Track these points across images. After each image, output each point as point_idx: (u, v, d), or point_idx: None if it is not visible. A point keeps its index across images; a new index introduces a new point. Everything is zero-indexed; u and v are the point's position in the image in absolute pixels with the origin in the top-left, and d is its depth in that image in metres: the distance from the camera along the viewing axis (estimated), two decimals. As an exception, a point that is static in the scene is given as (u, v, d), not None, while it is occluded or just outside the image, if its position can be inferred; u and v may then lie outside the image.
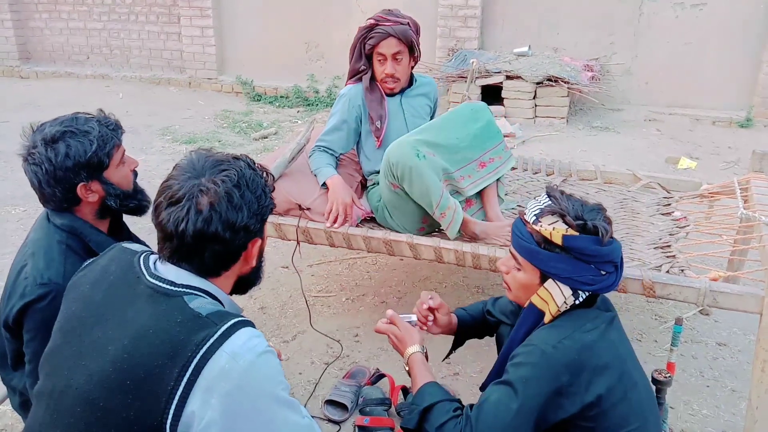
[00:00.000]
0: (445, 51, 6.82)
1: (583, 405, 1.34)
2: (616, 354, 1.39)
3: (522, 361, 1.37)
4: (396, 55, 2.51)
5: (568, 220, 1.39)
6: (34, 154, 1.56)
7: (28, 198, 4.22)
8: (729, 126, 6.19)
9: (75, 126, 1.59)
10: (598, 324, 1.40)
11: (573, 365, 1.33)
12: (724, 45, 6.25)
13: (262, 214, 1.25)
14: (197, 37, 7.59)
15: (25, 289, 1.53)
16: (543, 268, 1.43)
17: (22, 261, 1.59)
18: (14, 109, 6.50)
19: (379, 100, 2.62)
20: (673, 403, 2.29)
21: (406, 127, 2.61)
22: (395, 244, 2.31)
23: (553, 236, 1.39)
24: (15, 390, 1.68)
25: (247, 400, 1.09)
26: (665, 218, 2.67)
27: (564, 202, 1.42)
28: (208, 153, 1.27)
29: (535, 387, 1.33)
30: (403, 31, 2.48)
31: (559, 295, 1.42)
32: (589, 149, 5.45)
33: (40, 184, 1.58)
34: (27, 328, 1.54)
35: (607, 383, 1.35)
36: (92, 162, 1.59)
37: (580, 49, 6.61)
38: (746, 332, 2.77)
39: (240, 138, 5.86)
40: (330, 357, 2.59)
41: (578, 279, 1.39)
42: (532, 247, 1.43)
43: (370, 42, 2.52)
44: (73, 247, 1.61)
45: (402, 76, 2.59)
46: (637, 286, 2.03)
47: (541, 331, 1.43)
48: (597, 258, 1.39)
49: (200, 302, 1.16)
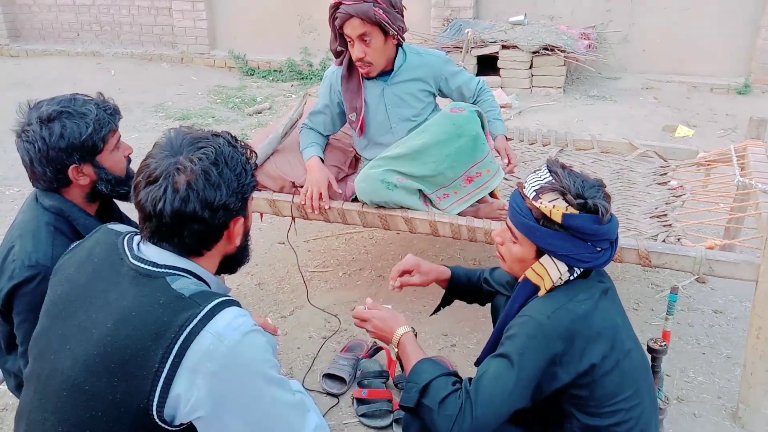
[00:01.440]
0: (440, 21, 6.72)
1: (577, 373, 1.36)
2: (609, 324, 1.40)
3: (517, 332, 1.38)
4: (362, 37, 2.26)
5: (569, 198, 1.38)
6: (28, 132, 1.55)
7: (21, 178, 4.19)
8: (727, 93, 6.14)
9: (72, 107, 1.57)
10: (591, 294, 1.41)
11: (567, 334, 1.35)
12: (721, 11, 6.17)
13: (242, 192, 1.22)
14: (188, 11, 7.47)
15: (13, 271, 1.52)
16: (540, 245, 1.43)
17: (9, 243, 1.59)
18: (3, 89, 6.42)
19: (355, 89, 2.44)
20: (669, 371, 2.30)
21: (388, 119, 2.46)
22: (390, 218, 2.30)
23: (552, 214, 1.38)
24: (10, 373, 1.69)
25: (234, 379, 1.09)
26: (662, 187, 2.66)
27: (565, 178, 1.40)
28: (187, 131, 1.24)
29: (532, 358, 1.35)
30: (363, 11, 2.20)
31: (555, 271, 1.42)
32: (586, 118, 5.41)
33: (31, 162, 1.57)
34: (17, 311, 1.54)
35: (600, 352, 1.37)
36: (86, 145, 1.58)
37: (576, 16, 6.52)
38: (742, 299, 2.78)
39: (234, 113, 5.80)
40: (328, 331, 2.60)
41: (575, 256, 1.40)
42: (530, 223, 1.42)
43: (337, 23, 2.30)
44: (61, 229, 1.60)
45: (375, 60, 2.33)
46: (633, 255, 2.03)
47: (536, 302, 1.44)
48: (595, 237, 1.39)
49: (183, 283, 1.15)
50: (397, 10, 2.30)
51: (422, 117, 2.48)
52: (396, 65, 2.42)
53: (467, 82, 2.54)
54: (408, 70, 2.44)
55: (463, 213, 2.32)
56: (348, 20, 2.25)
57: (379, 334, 1.62)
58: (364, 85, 2.45)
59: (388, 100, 2.45)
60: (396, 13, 2.29)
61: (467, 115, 2.24)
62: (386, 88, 2.44)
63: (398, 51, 2.42)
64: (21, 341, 1.56)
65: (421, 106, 2.49)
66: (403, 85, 2.45)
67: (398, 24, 2.30)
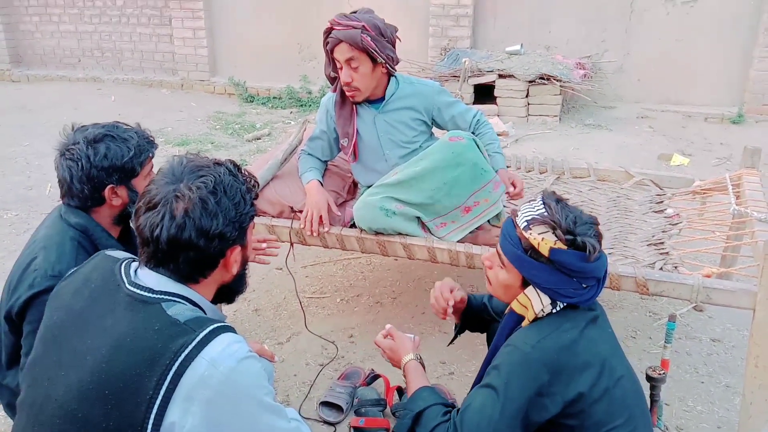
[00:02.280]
0: (438, 50, 6.82)
1: (564, 403, 1.35)
2: (595, 351, 1.39)
3: (501, 362, 1.39)
4: (350, 62, 2.31)
5: (558, 233, 1.39)
6: (73, 150, 1.64)
7: (19, 202, 4.20)
8: (721, 122, 6.21)
9: (116, 132, 1.69)
10: (577, 324, 1.41)
11: (552, 365, 1.34)
12: (714, 41, 6.28)
13: (240, 221, 1.23)
14: (189, 38, 7.57)
15: (34, 280, 1.55)
16: (525, 275, 1.44)
17: (31, 254, 1.62)
18: (4, 113, 6.46)
19: (348, 116, 2.48)
20: (668, 400, 2.29)
21: (380, 147, 2.49)
22: (389, 244, 2.30)
23: (540, 247, 1.39)
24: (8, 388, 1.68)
25: (229, 406, 1.08)
26: (658, 215, 2.68)
27: (558, 213, 1.41)
28: (190, 158, 1.25)
29: (516, 388, 1.34)
30: (350, 37, 2.26)
31: (538, 302, 1.43)
32: (581, 147, 5.46)
33: (71, 179, 1.65)
34: (29, 320, 1.55)
35: (589, 381, 1.35)
36: (126, 167, 1.68)
37: (572, 46, 6.62)
38: (740, 328, 2.77)
39: (233, 139, 5.84)
40: (325, 358, 2.58)
41: (559, 291, 1.41)
42: (518, 252, 1.43)
43: (328, 47, 2.36)
44: (85, 246, 1.65)
45: (362, 85, 2.37)
46: (631, 283, 2.03)
47: (521, 332, 1.44)
48: (581, 273, 1.40)
49: (179, 309, 1.14)
50: (387, 39, 2.34)
51: (415, 145, 2.50)
52: (388, 94, 2.46)
53: (462, 114, 2.53)
54: (400, 99, 2.47)
55: (461, 240, 2.32)
56: (337, 45, 2.31)
57: (392, 363, 1.70)
58: (357, 112, 2.48)
59: (380, 127, 2.48)
60: (386, 41, 2.33)
61: (466, 143, 2.24)
62: (378, 115, 2.48)
63: (390, 80, 2.46)
64: (26, 352, 1.56)
65: (413, 134, 2.50)
66: (395, 114, 2.48)
67: (387, 53, 2.33)
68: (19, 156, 5.18)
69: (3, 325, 1.64)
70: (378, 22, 2.33)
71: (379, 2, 6.91)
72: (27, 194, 4.34)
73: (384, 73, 2.42)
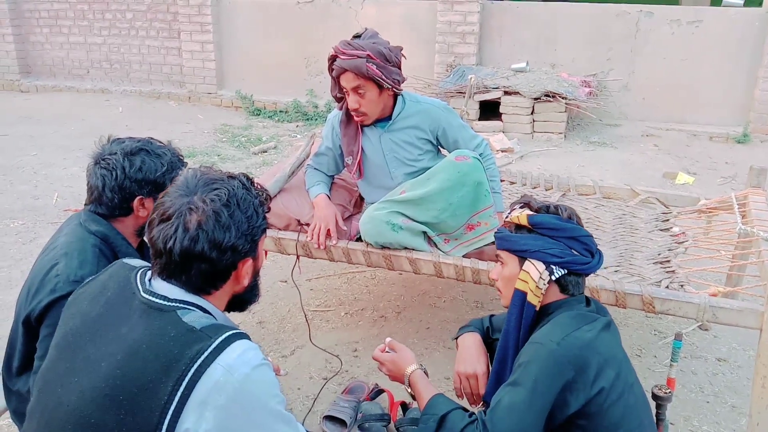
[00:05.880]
0: (444, 67, 6.87)
1: (586, 399, 1.38)
2: (613, 353, 1.45)
3: (529, 360, 1.41)
4: (357, 89, 2.31)
5: (532, 206, 1.58)
6: (109, 160, 1.68)
7: (26, 211, 4.22)
8: (726, 141, 6.22)
9: (151, 147, 1.76)
10: (594, 326, 1.46)
11: (577, 361, 1.38)
12: (719, 61, 6.31)
13: (252, 234, 1.24)
14: (197, 51, 7.64)
15: (56, 285, 1.56)
16: (515, 248, 1.55)
17: (52, 261, 1.62)
18: (12, 123, 6.51)
19: (353, 135, 2.48)
20: (674, 420, 2.28)
21: (386, 165, 2.48)
22: (395, 258, 2.31)
23: (520, 219, 1.55)
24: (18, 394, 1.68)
25: (242, 413, 1.08)
26: (664, 234, 2.68)
27: (534, 201, 1.59)
28: (204, 170, 1.26)
29: (545, 384, 1.37)
30: (356, 66, 2.25)
31: (534, 271, 1.51)
32: (586, 164, 5.47)
33: (103, 187, 1.68)
34: (47, 323, 1.55)
35: (609, 378, 1.40)
36: (158, 181, 1.72)
37: (577, 64, 6.66)
38: (746, 348, 2.76)
39: (239, 152, 5.87)
40: (329, 372, 2.57)
41: (547, 251, 1.51)
42: (505, 235, 1.58)
43: (334, 74, 2.36)
44: (105, 253, 1.67)
45: (369, 110, 2.37)
46: (637, 301, 2.03)
47: (544, 329, 1.48)
48: (560, 232, 1.51)
49: (194, 316, 1.15)
50: (392, 63, 2.32)
51: (421, 164, 2.48)
52: (394, 113, 2.44)
53: (466, 140, 2.48)
54: (406, 118, 2.45)
55: (467, 255, 2.33)
56: (342, 73, 2.31)
57: (393, 376, 1.69)
58: (362, 131, 2.49)
59: (385, 146, 2.48)
60: (391, 66, 2.31)
61: (471, 163, 2.24)
62: (383, 134, 2.47)
63: (397, 99, 2.44)
64: (40, 355, 1.56)
65: (419, 153, 2.48)
66: (401, 133, 2.46)
67: (393, 77, 2.32)
68: (26, 165, 5.22)
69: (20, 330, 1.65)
70: (382, 48, 2.30)
71: (386, 18, 7.02)
72: (34, 204, 4.36)
73: (390, 95, 2.41)
